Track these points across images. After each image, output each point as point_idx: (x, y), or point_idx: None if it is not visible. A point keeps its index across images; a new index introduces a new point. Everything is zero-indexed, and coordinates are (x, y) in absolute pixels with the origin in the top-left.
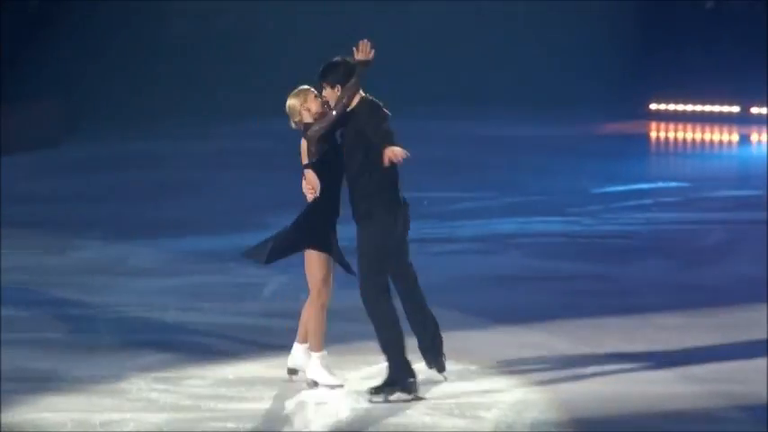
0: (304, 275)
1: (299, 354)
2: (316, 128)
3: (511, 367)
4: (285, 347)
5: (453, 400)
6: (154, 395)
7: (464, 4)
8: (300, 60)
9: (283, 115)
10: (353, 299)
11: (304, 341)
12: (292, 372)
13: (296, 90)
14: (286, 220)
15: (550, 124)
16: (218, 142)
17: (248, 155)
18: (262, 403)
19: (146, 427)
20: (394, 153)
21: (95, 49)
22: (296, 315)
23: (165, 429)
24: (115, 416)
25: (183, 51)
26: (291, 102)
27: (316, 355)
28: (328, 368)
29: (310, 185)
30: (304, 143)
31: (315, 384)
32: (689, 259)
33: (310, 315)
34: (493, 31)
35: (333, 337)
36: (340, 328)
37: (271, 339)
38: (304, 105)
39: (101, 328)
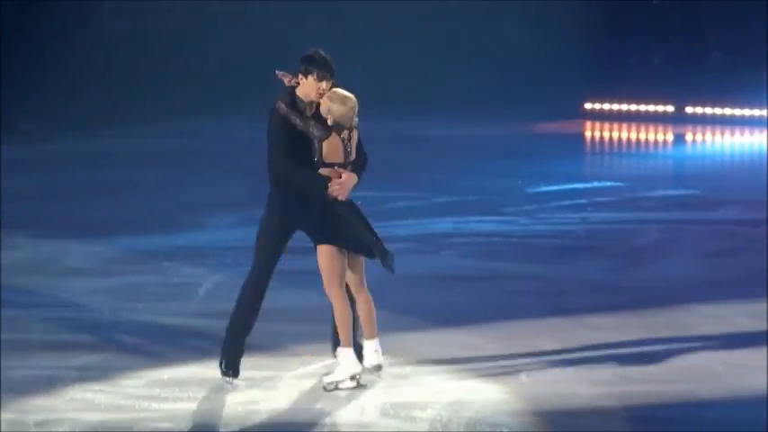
0: (238, 274)
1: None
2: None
3: (445, 367)
4: (219, 347)
5: (388, 400)
6: (89, 395)
7: (402, 5)
8: (241, 60)
9: (223, 115)
10: (282, 300)
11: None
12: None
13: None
14: (220, 219)
15: (485, 124)
16: (155, 141)
17: (186, 154)
18: (196, 403)
19: (81, 427)
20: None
21: (32, 49)
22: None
23: (99, 430)
24: (50, 416)
25: (120, 50)
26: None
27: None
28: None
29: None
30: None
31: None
32: (623, 259)
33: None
34: (430, 31)
35: (266, 337)
36: (273, 329)
37: (205, 339)
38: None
39: (34, 328)
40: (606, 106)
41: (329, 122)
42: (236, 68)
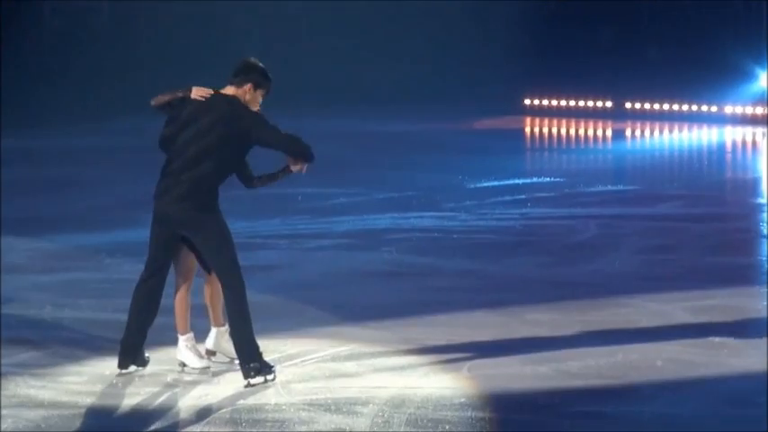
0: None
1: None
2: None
3: (386, 362)
4: (160, 343)
5: (329, 396)
6: (31, 392)
7: (348, 3)
8: (183, 57)
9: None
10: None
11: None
12: (210, 353)
13: None
14: None
15: (426, 120)
16: (94, 139)
17: (127, 151)
18: (138, 398)
19: (23, 423)
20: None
21: None
22: (171, 311)
23: (42, 425)
24: None
25: (59, 48)
26: None
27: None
28: (195, 350)
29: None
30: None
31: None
32: (562, 255)
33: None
34: (372, 28)
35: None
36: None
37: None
38: None
39: None
40: (545, 102)
41: None
42: (176, 64)
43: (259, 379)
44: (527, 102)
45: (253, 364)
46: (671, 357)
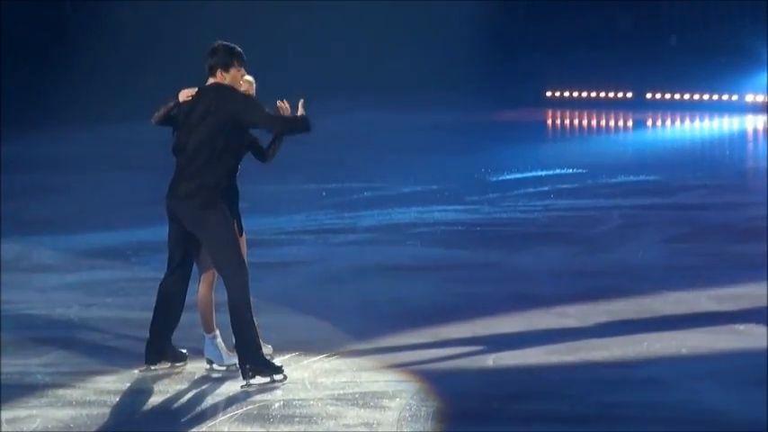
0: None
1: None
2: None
3: (411, 356)
4: (189, 340)
5: (357, 390)
6: (60, 391)
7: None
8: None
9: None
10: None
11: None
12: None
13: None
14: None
15: (448, 113)
16: (113, 139)
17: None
18: (166, 396)
19: (52, 423)
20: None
21: None
22: (195, 307)
23: (71, 425)
24: (21, 413)
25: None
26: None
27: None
28: (222, 347)
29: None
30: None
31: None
32: (586, 246)
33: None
34: (395, 20)
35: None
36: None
37: (176, 333)
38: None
39: (5, 325)
40: (567, 94)
41: None
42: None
43: (260, 379)
44: (548, 94)
45: (251, 365)
46: (696, 345)
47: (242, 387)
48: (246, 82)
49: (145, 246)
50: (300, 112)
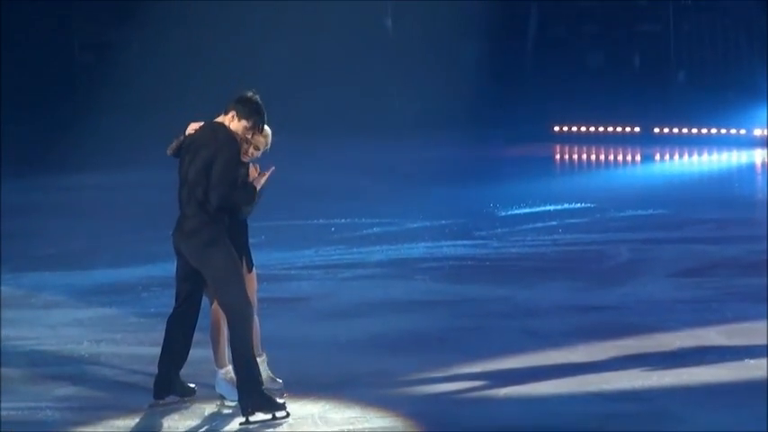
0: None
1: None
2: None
3: (421, 390)
4: (199, 375)
5: (367, 425)
6: (70, 427)
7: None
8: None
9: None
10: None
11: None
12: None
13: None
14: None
15: (455, 148)
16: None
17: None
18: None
19: None
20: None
21: None
22: (209, 343)
23: None
24: None
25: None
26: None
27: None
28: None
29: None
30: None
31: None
32: (595, 280)
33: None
34: (400, 53)
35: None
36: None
37: (186, 369)
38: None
39: (15, 361)
40: (575, 128)
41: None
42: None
43: (261, 416)
44: (556, 129)
45: (251, 402)
46: (706, 380)
47: (240, 425)
48: (264, 136)
49: (155, 281)
50: (260, 180)
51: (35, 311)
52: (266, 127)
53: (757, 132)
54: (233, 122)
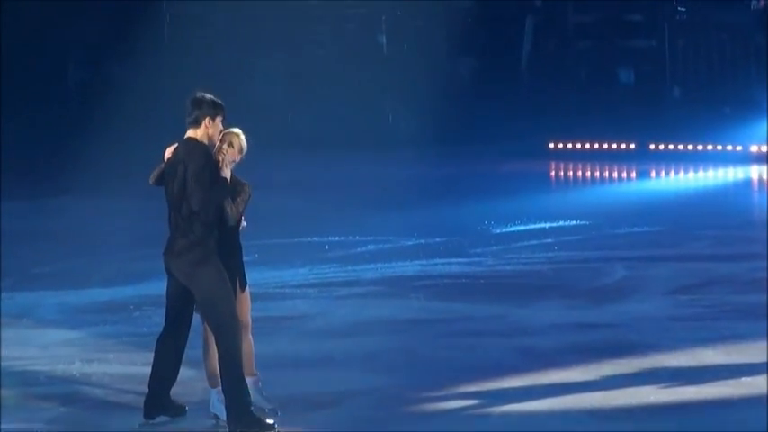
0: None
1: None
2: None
3: (416, 409)
4: (190, 394)
5: None
6: None
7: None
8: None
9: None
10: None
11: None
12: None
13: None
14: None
15: (450, 165)
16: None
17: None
18: None
19: None
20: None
21: None
22: (200, 362)
23: None
24: None
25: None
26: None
27: None
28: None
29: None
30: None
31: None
32: (591, 298)
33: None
34: (393, 72)
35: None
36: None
37: (178, 386)
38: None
39: (7, 381)
40: (570, 145)
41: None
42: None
43: None
44: (551, 145)
45: (240, 423)
46: (705, 398)
47: None
48: (234, 135)
49: (147, 300)
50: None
51: (27, 331)
52: (238, 131)
53: (754, 149)
54: (210, 128)
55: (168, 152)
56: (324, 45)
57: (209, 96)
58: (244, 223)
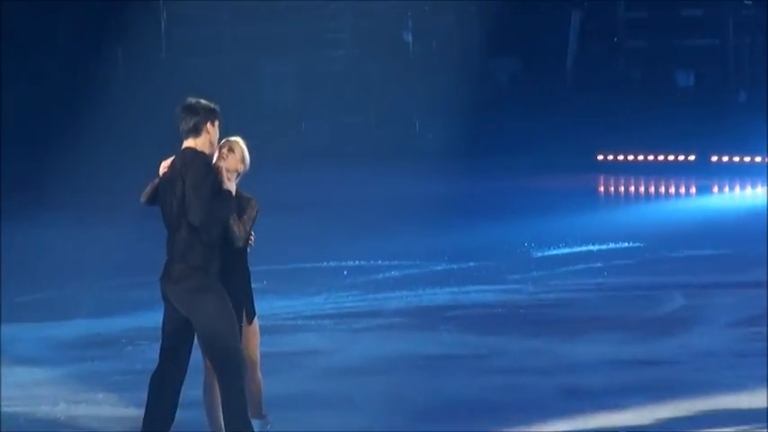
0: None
1: None
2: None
3: None
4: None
5: None
6: None
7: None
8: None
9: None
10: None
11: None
12: None
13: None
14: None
15: (488, 179)
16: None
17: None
18: None
19: None
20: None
21: None
22: (200, 403)
23: None
24: None
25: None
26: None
27: None
28: None
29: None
30: None
31: None
32: (644, 330)
33: None
34: (427, 79)
35: None
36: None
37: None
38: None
39: None
40: (621, 157)
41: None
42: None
43: None
44: (599, 157)
45: None
46: None
47: None
48: (233, 141)
49: (141, 333)
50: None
51: (5, 368)
52: (238, 139)
53: None
54: (211, 133)
55: (163, 167)
56: (341, 44)
57: (203, 101)
58: (252, 243)
